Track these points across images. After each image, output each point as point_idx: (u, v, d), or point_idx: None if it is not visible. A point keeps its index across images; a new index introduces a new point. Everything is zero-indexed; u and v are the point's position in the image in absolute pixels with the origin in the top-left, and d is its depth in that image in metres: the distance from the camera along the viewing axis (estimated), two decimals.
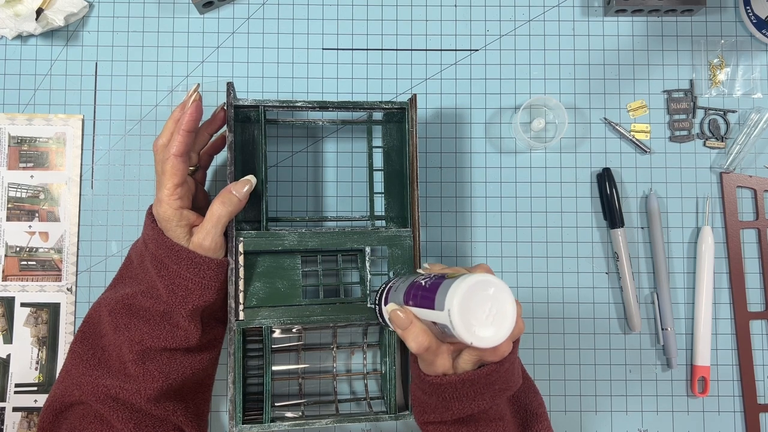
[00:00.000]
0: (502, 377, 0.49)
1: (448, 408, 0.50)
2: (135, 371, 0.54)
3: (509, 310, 0.43)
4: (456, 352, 0.48)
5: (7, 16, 0.66)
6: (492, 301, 0.43)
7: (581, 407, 0.68)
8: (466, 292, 0.42)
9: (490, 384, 0.48)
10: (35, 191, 0.67)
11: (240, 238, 0.57)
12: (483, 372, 0.48)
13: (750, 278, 0.69)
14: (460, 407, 0.49)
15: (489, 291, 0.43)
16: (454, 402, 0.49)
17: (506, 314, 0.43)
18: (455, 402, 0.49)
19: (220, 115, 0.59)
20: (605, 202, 0.68)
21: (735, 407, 0.68)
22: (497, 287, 0.43)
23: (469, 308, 0.42)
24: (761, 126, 0.68)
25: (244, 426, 0.57)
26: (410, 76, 0.70)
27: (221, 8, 0.69)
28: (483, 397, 0.49)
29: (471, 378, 0.48)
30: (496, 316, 0.43)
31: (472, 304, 0.42)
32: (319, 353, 0.67)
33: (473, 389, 0.48)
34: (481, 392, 0.48)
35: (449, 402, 0.49)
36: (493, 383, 0.49)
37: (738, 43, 0.70)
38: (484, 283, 0.43)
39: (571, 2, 0.71)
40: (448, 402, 0.49)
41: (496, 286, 0.43)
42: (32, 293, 0.66)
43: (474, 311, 0.42)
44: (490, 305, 0.43)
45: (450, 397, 0.49)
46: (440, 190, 0.69)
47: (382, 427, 0.67)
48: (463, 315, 0.42)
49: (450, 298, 0.42)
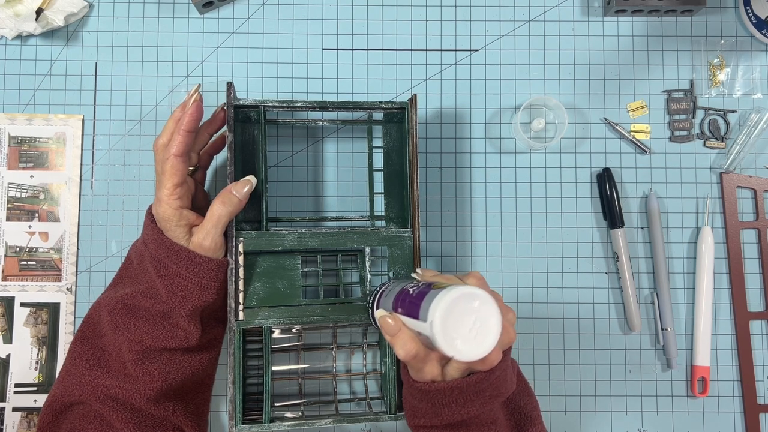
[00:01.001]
0: (492, 385, 0.49)
1: (437, 414, 0.49)
2: (134, 371, 0.54)
3: (493, 324, 0.42)
4: (445, 360, 0.48)
5: (7, 16, 0.66)
6: (476, 315, 0.42)
7: (581, 407, 0.67)
8: (449, 304, 0.41)
9: (480, 392, 0.48)
10: (35, 191, 0.67)
11: (240, 238, 0.57)
12: (472, 380, 0.47)
13: (750, 278, 0.69)
14: (449, 413, 0.49)
15: (473, 304, 0.42)
16: (443, 408, 0.49)
17: (490, 329, 0.42)
18: (445, 408, 0.49)
19: (220, 115, 0.59)
20: (605, 203, 0.68)
21: (735, 407, 0.68)
22: (482, 300, 0.42)
23: (452, 321, 0.41)
24: (761, 126, 0.68)
25: (243, 426, 0.57)
26: (410, 76, 0.70)
27: (221, 8, 0.69)
28: (473, 404, 0.48)
29: (460, 385, 0.47)
30: (480, 330, 0.42)
31: (455, 317, 0.41)
32: (319, 353, 0.67)
33: (462, 396, 0.48)
34: (471, 399, 0.48)
35: (439, 408, 0.49)
36: (483, 391, 0.48)
37: (738, 44, 0.70)
38: (468, 296, 0.42)
39: (571, 2, 0.71)
40: (438, 408, 0.49)
41: (481, 299, 0.42)
42: (32, 293, 0.66)
43: (457, 324, 0.42)
44: (473, 318, 0.42)
45: (439, 403, 0.49)
46: (440, 191, 0.69)
47: (382, 427, 0.67)
48: (445, 328, 0.41)
49: (433, 310, 0.41)
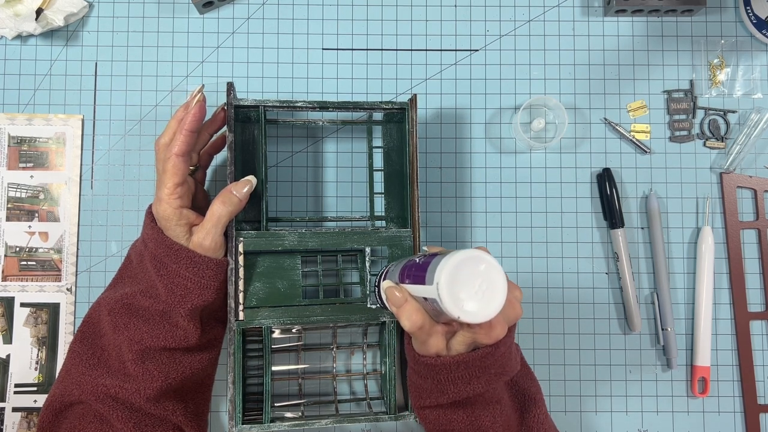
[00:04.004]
0: (497, 361, 0.49)
1: (443, 391, 0.50)
2: (134, 371, 0.54)
3: (499, 288, 0.42)
4: (450, 333, 0.48)
5: (7, 16, 0.66)
6: (483, 278, 0.42)
7: (581, 407, 0.67)
8: (456, 265, 0.41)
9: (486, 367, 0.48)
10: (35, 191, 0.67)
11: (240, 238, 0.57)
12: (477, 355, 0.47)
13: (750, 278, 0.69)
14: (455, 390, 0.49)
15: (480, 267, 0.42)
16: (449, 384, 0.49)
17: (496, 292, 0.42)
18: (450, 384, 0.49)
19: (221, 115, 0.59)
20: (605, 203, 0.68)
21: (735, 408, 0.68)
22: (489, 264, 0.42)
23: (458, 282, 0.42)
24: (761, 126, 0.68)
25: (243, 426, 0.57)
26: (410, 76, 0.70)
27: (221, 8, 0.69)
28: (479, 381, 0.49)
29: (465, 360, 0.47)
30: (486, 293, 0.42)
31: (462, 279, 0.42)
32: (319, 353, 0.67)
33: (468, 372, 0.48)
34: (476, 375, 0.48)
35: (444, 385, 0.49)
36: (489, 367, 0.48)
37: (738, 44, 0.70)
38: (475, 259, 0.42)
39: (571, 2, 0.71)
40: (443, 385, 0.49)
41: (487, 263, 0.42)
42: (32, 293, 0.66)
43: (463, 285, 0.42)
44: (480, 281, 0.42)
45: (445, 380, 0.49)
46: (440, 191, 0.69)
47: (382, 428, 0.67)
48: (451, 288, 0.41)
49: (439, 272, 0.42)
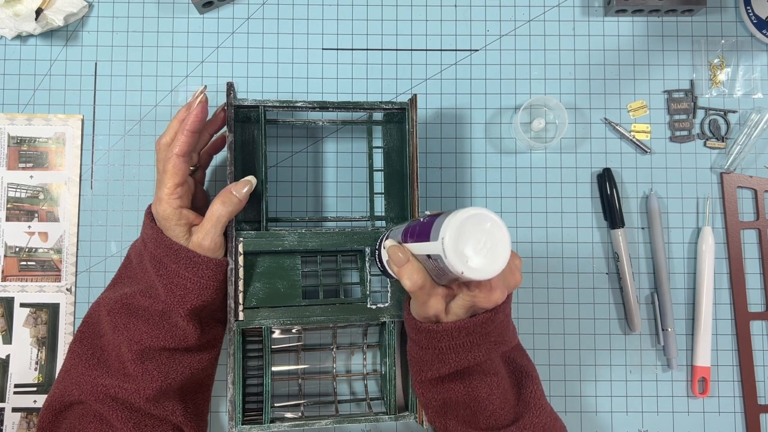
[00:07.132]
0: (497, 328, 0.49)
1: (444, 361, 0.50)
2: (134, 371, 0.54)
3: (503, 247, 0.42)
4: (450, 297, 0.48)
5: (7, 16, 0.66)
6: (488, 236, 0.42)
7: (581, 408, 0.67)
8: (462, 222, 0.42)
9: (486, 334, 0.49)
10: (35, 191, 0.67)
11: (240, 239, 0.57)
12: (478, 320, 0.48)
13: (750, 279, 0.69)
14: (456, 359, 0.49)
15: (485, 225, 0.42)
16: (450, 353, 0.49)
17: (500, 250, 0.42)
18: (451, 353, 0.49)
19: (221, 115, 0.59)
20: (605, 203, 0.68)
21: (735, 408, 0.68)
22: (494, 223, 0.42)
23: (463, 238, 0.42)
24: (761, 126, 0.68)
25: (243, 426, 0.57)
26: (410, 76, 0.69)
27: (221, 8, 0.69)
28: (479, 348, 0.49)
29: (466, 326, 0.48)
30: (490, 250, 0.42)
31: (467, 235, 0.42)
32: (319, 354, 0.67)
33: (469, 339, 0.48)
34: (477, 343, 0.49)
35: (445, 353, 0.49)
36: (488, 334, 0.49)
37: (738, 43, 0.70)
38: (480, 216, 0.42)
39: (571, 2, 0.71)
40: (444, 353, 0.49)
41: (492, 221, 0.42)
42: (32, 293, 0.66)
43: (467, 242, 0.42)
44: (485, 239, 0.42)
45: (446, 348, 0.49)
46: (440, 191, 0.69)
47: (382, 428, 0.67)
48: (456, 244, 0.42)
49: (444, 228, 0.42)
